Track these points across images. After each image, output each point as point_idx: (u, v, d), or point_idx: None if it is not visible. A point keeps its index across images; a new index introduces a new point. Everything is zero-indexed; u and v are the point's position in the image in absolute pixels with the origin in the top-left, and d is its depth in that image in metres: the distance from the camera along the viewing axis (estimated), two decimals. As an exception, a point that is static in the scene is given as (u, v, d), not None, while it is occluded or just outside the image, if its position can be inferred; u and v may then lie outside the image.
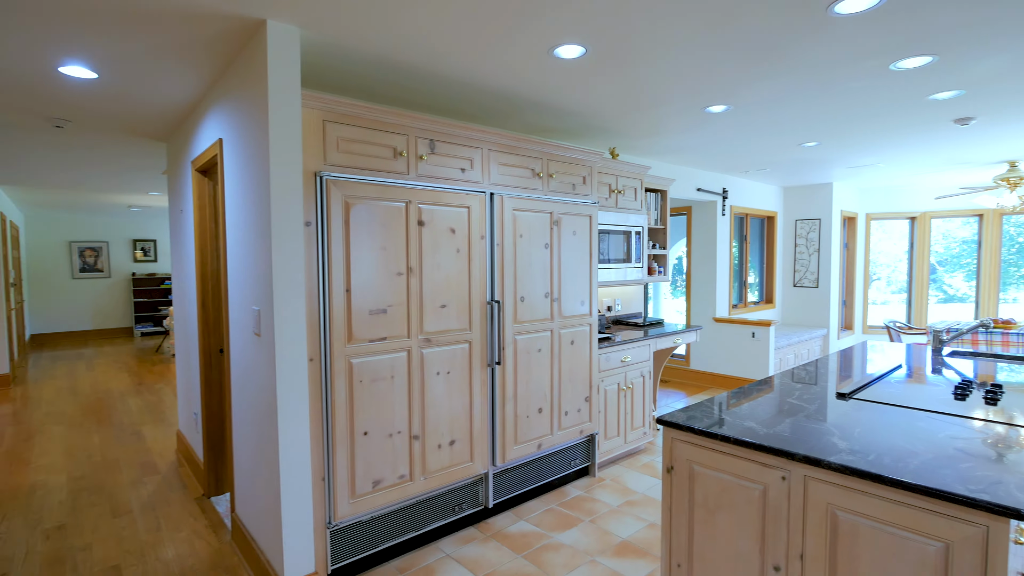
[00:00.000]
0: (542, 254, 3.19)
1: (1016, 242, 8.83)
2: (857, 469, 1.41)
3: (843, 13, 2.10)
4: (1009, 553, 1.22)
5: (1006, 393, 2.17)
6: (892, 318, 7.58)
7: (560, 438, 3.35)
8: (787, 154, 5.00)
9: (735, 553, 1.69)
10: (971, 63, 2.66)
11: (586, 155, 3.44)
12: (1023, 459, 1.46)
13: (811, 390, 2.25)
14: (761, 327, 5.75)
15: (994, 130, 4.07)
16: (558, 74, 2.75)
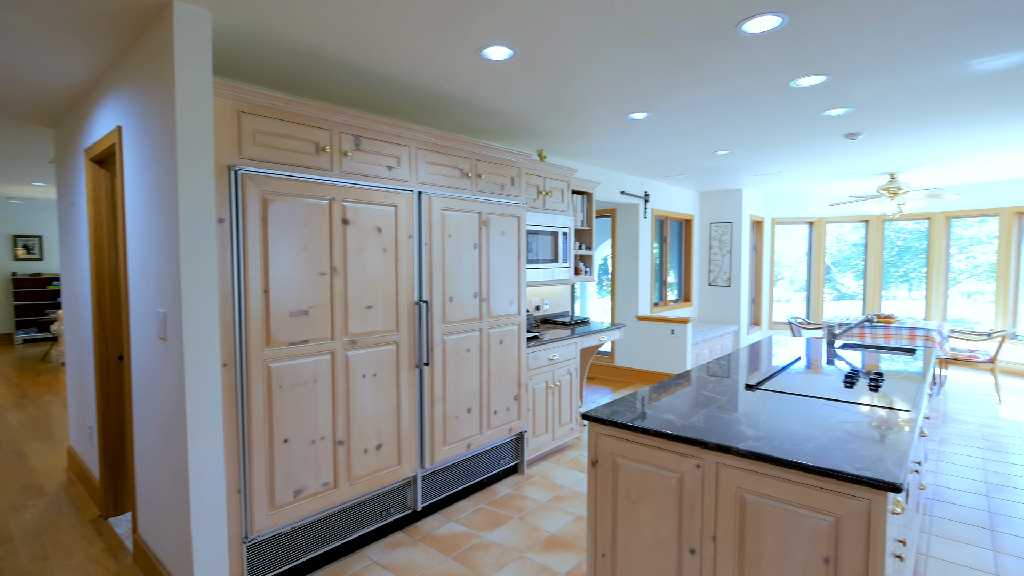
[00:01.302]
0: (471, 254, 3.18)
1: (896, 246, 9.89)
2: (762, 454, 1.52)
3: (750, 32, 2.26)
4: (887, 523, 1.37)
5: (886, 380, 2.43)
6: (794, 314, 8.25)
7: (489, 437, 3.37)
8: (702, 161, 5.31)
9: (655, 540, 1.77)
10: (859, 84, 2.95)
11: (515, 156, 3.48)
12: (901, 439, 1.64)
13: (723, 382, 2.40)
14: (680, 324, 6.07)
15: (878, 144, 4.54)
16: (487, 75, 2.76)
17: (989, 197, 6.89)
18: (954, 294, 8.09)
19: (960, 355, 5.84)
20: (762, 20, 2.14)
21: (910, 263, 9.51)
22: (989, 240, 7.51)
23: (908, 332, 5.62)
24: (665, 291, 7.30)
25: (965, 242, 8.54)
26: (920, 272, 8.12)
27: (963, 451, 4.07)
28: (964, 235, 8.29)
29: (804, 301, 8.63)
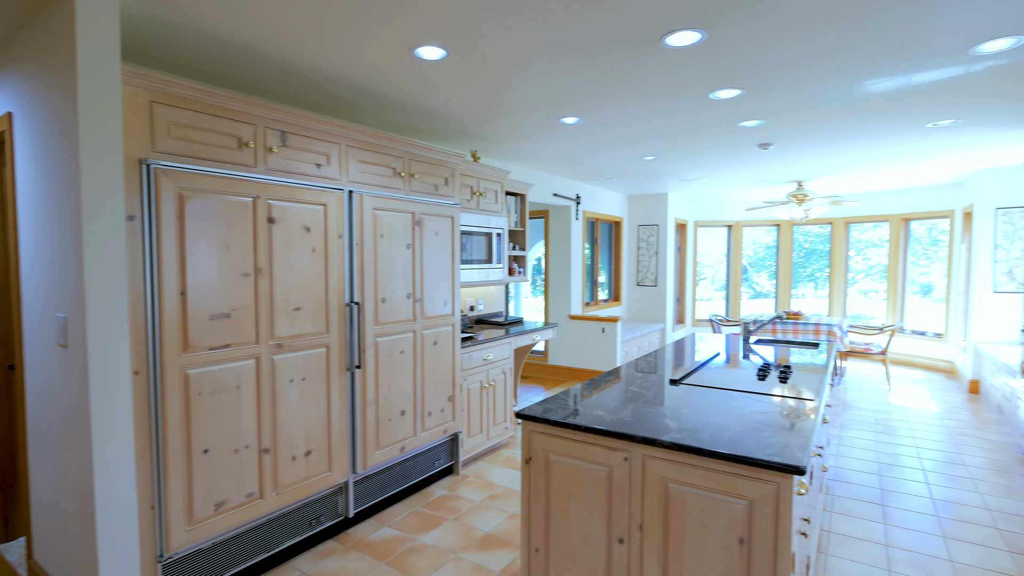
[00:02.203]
0: (404, 254, 3.14)
1: (803, 248, 10.73)
2: (684, 445, 1.62)
3: (673, 45, 2.38)
4: (793, 503, 1.50)
5: (794, 372, 2.64)
6: (715, 312, 8.74)
7: (424, 439, 3.34)
8: (630, 166, 5.53)
9: (586, 532, 1.83)
10: (769, 98, 3.18)
11: (449, 157, 3.47)
12: (805, 426, 1.79)
13: (650, 378, 2.52)
14: (610, 323, 6.27)
15: (787, 154, 4.91)
16: (421, 74, 2.74)
17: (881, 204, 7.63)
18: (853, 292, 8.90)
19: (857, 348, 6.43)
20: (684, 35, 2.26)
21: (815, 264, 10.36)
22: (881, 243, 8.32)
23: (814, 327, 6.12)
24: (596, 291, 7.52)
25: (862, 245, 9.41)
26: (824, 272, 8.86)
27: (860, 435, 4.49)
28: (861, 239, 9.13)
29: (724, 299, 9.17)
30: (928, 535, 2.87)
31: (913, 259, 7.80)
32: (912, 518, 3.05)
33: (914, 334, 7.39)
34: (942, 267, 7.54)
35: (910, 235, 7.62)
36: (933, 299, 8.05)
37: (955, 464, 3.84)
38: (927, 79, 2.84)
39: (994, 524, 2.98)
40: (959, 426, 4.71)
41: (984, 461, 3.90)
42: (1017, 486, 3.47)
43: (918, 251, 7.88)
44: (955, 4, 2.01)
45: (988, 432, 4.55)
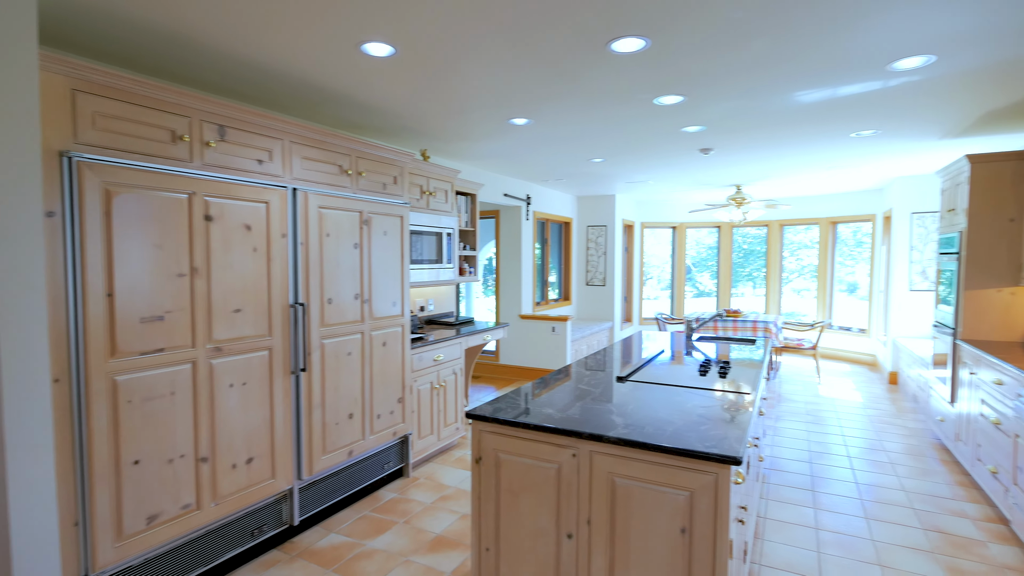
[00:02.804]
0: (351, 254, 3.08)
1: (742, 249, 11.24)
2: (629, 440, 1.66)
3: (618, 51, 2.44)
4: (731, 492, 1.57)
5: (733, 368, 2.77)
6: (660, 311, 9.03)
7: (373, 442, 3.28)
8: (579, 167, 5.63)
9: (536, 529, 1.85)
10: (709, 105, 3.31)
11: (397, 155, 3.42)
12: (743, 419, 1.88)
13: (598, 376, 2.57)
14: (560, 322, 6.36)
15: (726, 159, 5.13)
16: (369, 71, 2.69)
17: (812, 208, 8.10)
18: (787, 291, 9.41)
19: (791, 343, 6.81)
20: (628, 41, 2.33)
21: (753, 264, 10.88)
22: (812, 245, 8.83)
23: (751, 325, 6.43)
24: (547, 290, 7.61)
25: (795, 246, 9.97)
26: (761, 272, 9.32)
27: (793, 425, 4.75)
28: (794, 240, 9.67)
29: (669, 298, 9.49)
30: (853, 517, 3.07)
31: (840, 260, 8.34)
32: (839, 502, 3.26)
33: (841, 330, 7.89)
34: (866, 267, 8.09)
35: (837, 237, 8.13)
36: (858, 297, 8.63)
37: (877, 450, 4.14)
38: (851, 92, 3.04)
39: (910, 504, 3.23)
40: (880, 415, 5.07)
41: (902, 446, 4.21)
42: (930, 469, 3.78)
43: (845, 252, 8.42)
44: (872, 24, 2.16)
45: (905, 420, 4.92)
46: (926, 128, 3.92)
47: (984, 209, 3.74)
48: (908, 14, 2.08)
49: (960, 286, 3.85)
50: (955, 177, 4.09)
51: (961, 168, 3.90)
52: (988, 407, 3.20)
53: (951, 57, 2.52)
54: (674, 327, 7.94)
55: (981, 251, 3.76)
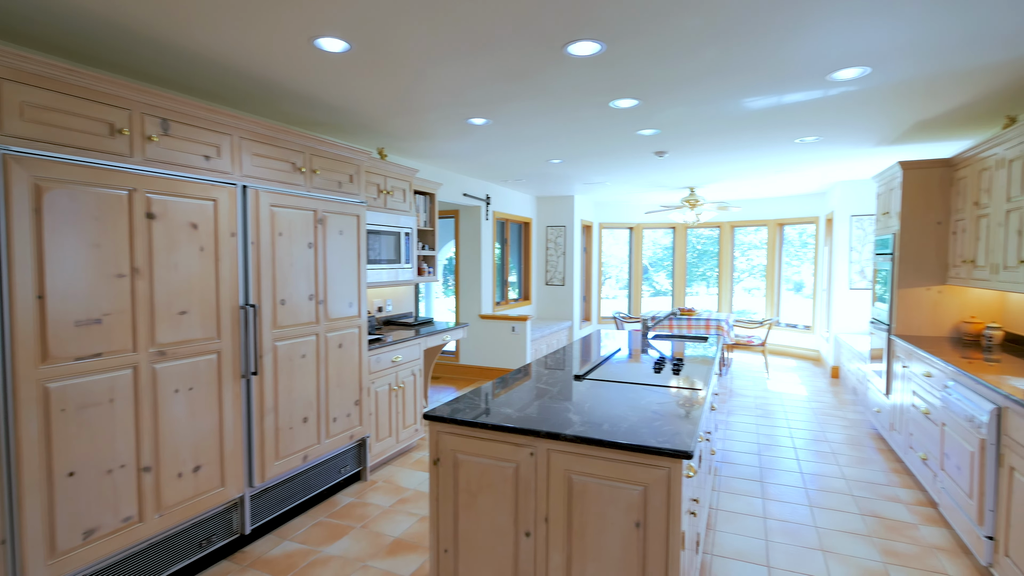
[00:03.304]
0: (305, 254, 3.00)
1: (696, 249, 11.59)
2: (585, 437, 1.69)
3: (575, 54, 2.48)
4: (683, 486, 1.62)
5: (686, 365, 2.85)
6: (618, 310, 9.19)
7: (329, 446, 3.21)
8: (538, 168, 5.67)
9: (494, 528, 1.86)
10: (663, 109, 3.40)
11: (354, 153, 3.35)
12: (696, 414, 1.94)
13: (556, 375, 2.60)
14: (520, 322, 6.39)
15: (680, 162, 5.28)
16: (323, 67, 2.62)
17: (761, 210, 8.43)
18: (738, 290, 9.76)
19: (742, 340, 7.06)
20: (585, 45, 2.36)
21: (707, 264, 11.24)
22: (761, 246, 9.19)
23: (704, 323, 6.63)
24: (507, 290, 7.63)
25: (745, 247, 10.35)
26: (714, 272, 9.62)
27: (743, 419, 4.93)
28: (744, 241, 10.04)
29: (627, 298, 9.68)
30: (798, 505, 3.22)
31: (787, 260, 8.71)
32: (785, 491, 3.41)
33: (788, 327, 8.25)
34: (810, 267, 8.49)
35: (784, 238, 8.49)
36: (804, 295, 9.04)
37: (820, 441, 4.34)
38: (795, 100, 3.18)
39: (850, 491, 3.41)
40: (823, 407, 5.33)
41: (842, 437, 4.44)
42: (867, 457, 4.00)
43: (791, 252, 8.81)
44: (813, 36, 2.27)
45: (846, 411, 5.19)
46: (863, 136, 4.14)
47: (915, 212, 3.98)
48: (845, 27, 2.19)
49: (894, 285, 4.09)
50: (889, 182, 4.34)
51: (894, 174, 4.15)
52: (919, 398, 3.41)
53: (885, 69, 2.68)
54: (631, 326, 8.11)
55: (912, 252, 4.01)
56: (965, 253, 3.58)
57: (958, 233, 3.72)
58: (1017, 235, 2.89)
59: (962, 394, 2.76)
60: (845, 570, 2.55)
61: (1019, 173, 2.89)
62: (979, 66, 2.64)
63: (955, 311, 3.94)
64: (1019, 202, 2.88)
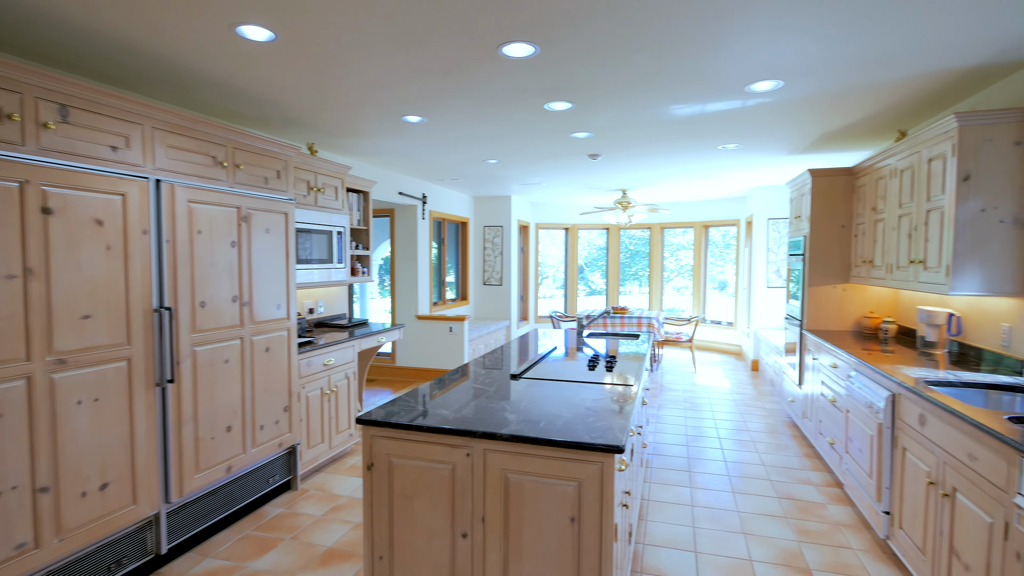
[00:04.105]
0: (228, 253, 2.83)
1: (629, 249, 11.98)
2: (521, 436, 1.70)
3: (510, 55, 2.49)
4: (615, 479, 1.67)
5: (619, 362, 2.94)
6: (555, 309, 9.35)
7: (255, 456, 3.05)
8: (475, 168, 5.66)
9: (430, 532, 1.83)
10: (596, 113, 3.49)
11: (281, 148, 3.20)
12: (627, 409, 2.00)
13: (493, 374, 2.60)
14: (457, 322, 6.36)
15: (613, 165, 5.44)
16: (246, 56, 2.49)
17: (688, 212, 8.84)
18: (668, 289, 10.19)
19: (671, 337, 7.38)
20: (519, 46, 2.38)
21: (639, 264, 11.65)
22: (688, 246, 9.64)
23: (637, 320, 6.87)
24: (444, 290, 7.56)
25: (674, 247, 10.83)
26: (645, 271, 10.00)
27: (673, 412, 5.16)
28: (673, 242, 10.50)
29: (563, 297, 9.86)
30: (722, 492, 3.40)
31: (712, 260, 9.19)
32: (711, 479, 3.60)
33: (713, 323, 8.70)
34: (733, 267, 9.00)
35: (709, 240, 8.95)
36: (727, 294, 9.57)
37: (742, 430, 4.62)
38: (717, 108, 3.36)
39: (768, 477, 3.65)
40: (744, 398, 5.67)
41: (761, 426, 4.74)
42: (783, 444, 4.29)
43: (716, 253, 9.30)
44: (733, 49, 2.41)
45: (764, 402, 5.54)
46: (777, 144, 4.44)
47: (822, 217, 4.32)
48: (761, 43, 2.34)
49: (805, 283, 4.41)
50: (800, 188, 4.68)
51: (805, 181, 4.47)
52: (827, 387, 3.70)
53: (795, 84, 2.88)
54: (568, 324, 8.26)
55: (820, 253, 4.34)
56: (864, 254, 3.92)
57: (859, 236, 4.07)
58: (907, 238, 3.20)
59: (863, 383, 3.01)
60: (764, 551, 2.73)
61: (909, 182, 3.20)
62: (875, 84, 2.90)
63: (857, 307, 4.30)
64: (909, 208, 3.19)
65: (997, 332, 2.85)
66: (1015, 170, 2.58)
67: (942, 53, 2.47)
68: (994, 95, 2.93)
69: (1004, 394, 2.42)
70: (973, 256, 2.65)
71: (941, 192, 2.80)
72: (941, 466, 2.16)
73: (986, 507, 1.84)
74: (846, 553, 2.70)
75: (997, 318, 2.86)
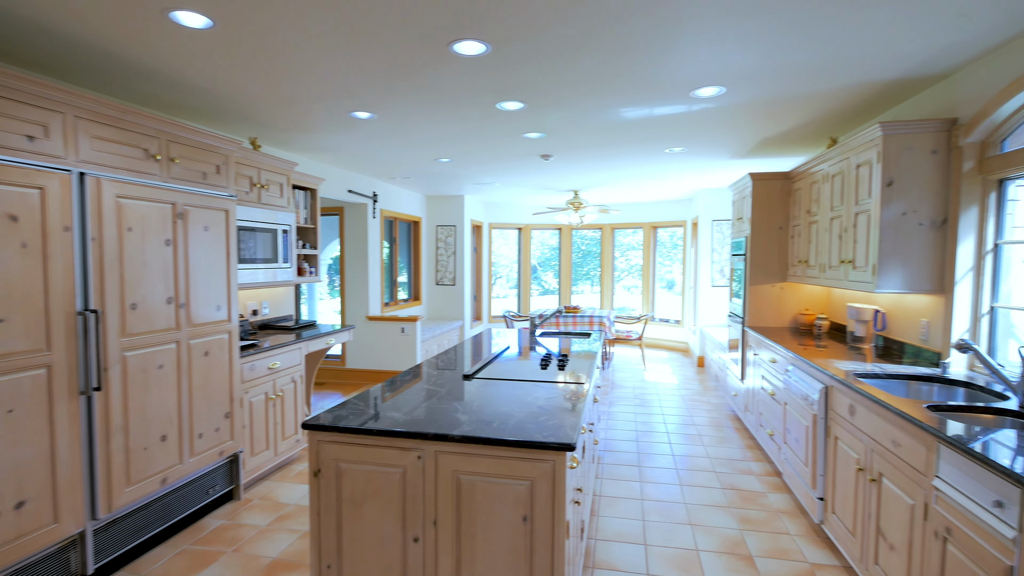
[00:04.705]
0: (162, 252, 2.68)
1: (581, 249, 12.16)
2: (473, 437, 1.69)
3: (461, 53, 2.47)
4: (567, 477, 1.68)
5: (571, 360, 2.97)
6: (508, 308, 9.38)
7: (194, 466, 2.90)
8: (427, 167, 5.59)
9: (381, 537, 1.79)
10: (548, 114, 3.52)
11: (221, 142, 3.06)
12: (580, 407, 2.02)
13: (446, 375, 2.58)
14: (410, 323, 6.26)
15: (565, 166, 5.50)
16: (181, 43, 2.35)
17: (638, 213, 9.06)
18: (619, 288, 10.41)
19: (621, 335, 7.54)
20: (470, 44, 2.36)
21: (591, 264, 11.85)
22: (638, 247, 9.88)
23: (588, 319, 6.98)
24: (396, 291, 7.44)
25: (625, 247, 11.07)
26: (597, 271, 10.17)
27: (624, 409, 5.27)
28: (624, 242, 10.73)
29: (516, 297, 9.89)
30: (670, 485, 3.50)
31: (660, 260, 9.46)
32: (660, 473, 3.69)
33: (662, 322, 8.96)
34: (680, 267, 9.29)
35: (658, 240, 9.20)
36: (675, 292, 9.87)
37: (688, 425, 4.77)
38: (664, 112, 3.46)
39: (713, 469, 3.78)
40: (691, 394, 5.86)
41: (707, 419, 4.92)
42: (727, 436, 4.46)
43: (664, 253, 9.57)
44: (678, 55, 2.48)
45: (709, 396, 5.75)
46: (721, 148, 4.61)
47: (762, 219, 4.52)
48: (705, 50, 2.42)
49: (746, 282, 4.60)
50: (742, 191, 4.88)
51: (746, 184, 4.67)
52: (766, 381, 3.87)
53: (737, 90, 3.00)
54: (521, 324, 8.30)
55: (760, 253, 4.54)
56: (800, 254, 4.13)
57: (795, 237, 4.28)
58: (838, 239, 3.39)
59: (799, 376, 3.17)
60: (709, 540, 2.82)
61: (839, 187, 3.39)
62: (808, 93, 3.05)
63: (794, 304, 4.53)
64: (839, 211, 3.38)
65: (917, 327, 3.07)
66: (932, 177, 2.78)
67: (868, 66, 2.63)
68: (913, 107, 3.15)
69: (923, 384, 2.60)
70: (896, 256, 2.84)
71: (868, 196, 2.99)
72: (869, 453, 2.30)
73: (908, 490, 1.97)
74: (784, 539, 2.83)
75: (917, 314, 3.07)
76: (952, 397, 2.47)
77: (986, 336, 2.66)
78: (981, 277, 2.66)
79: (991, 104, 2.46)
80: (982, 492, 1.57)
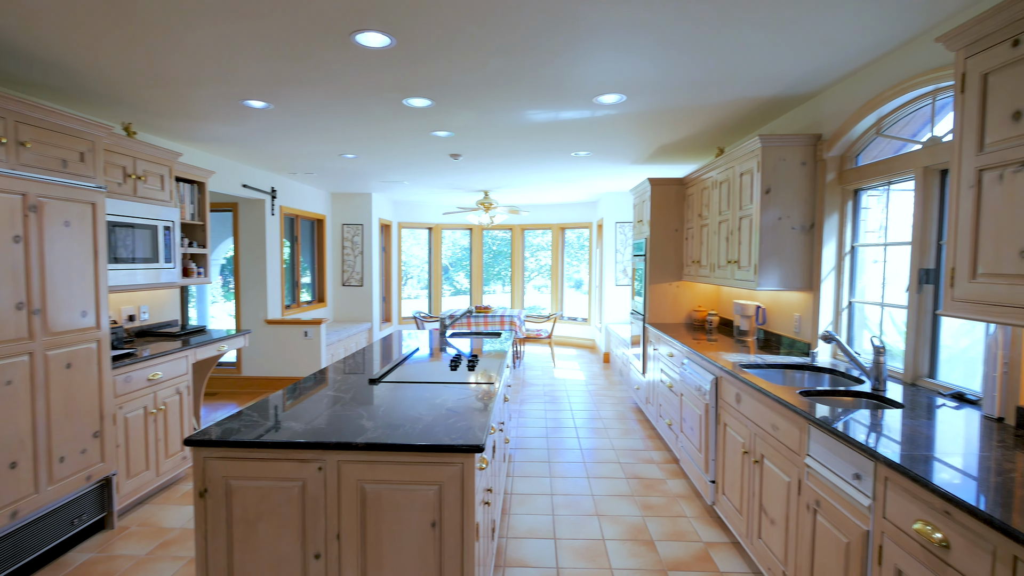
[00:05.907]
0: (11, 251, 2.32)
1: (492, 250, 12.24)
2: (377, 444, 1.63)
3: (365, 45, 2.37)
4: (476, 478, 1.67)
5: (481, 360, 2.96)
6: (419, 309, 9.21)
7: (53, 494, 2.54)
8: (330, 162, 5.34)
9: (278, 556, 1.67)
10: (456, 112, 3.49)
11: (86, 126, 2.71)
12: (490, 407, 2.02)
13: (351, 379, 2.46)
14: (313, 326, 5.95)
15: (474, 166, 5.49)
16: (36, 13, 2.05)
17: (546, 215, 9.28)
18: (529, 288, 10.60)
19: (532, 334, 7.68)
20: (373, 36, 2.28)
21: (502, 264, 11.95)
22: (547, 247, 10.13)
23: (499, 319, 7.04)
24: (298, 292, 7.04)
25: (535, 248, 11.29)
26: (508, 271, 10.28)
27: (534, 407, 5.36)
28: (534, 243, 10.94)
29: (427, 297, 9.75)
30: (578, 479, 3.61)
31: (568, 260, 9.76)
32: (568, 467, 3.80)
33: (570, 320, 9.24)
34: (587, 266, 9.64)
35: (566, 241, 9.49)
36: (583, 292, 10.23)
37: (595, 419, 4.95)
38: (569, 117, 3.56)
39: (617, 460, 3.96)
40: (597, 389, 6.10)
41: (612, 413, 5.14)
42: (630, 428, 4.69)
43: (572, 254, 9.89)
44: (581, 61, 2.56)
45: (615, 391, 6.02)
46: (622, 154, 4.84)
47: (660, 221, 4.80)
48: (605, 58, 2.52)
49: (647, 281, 4.87)
50: (642, 195, 5.15)
51: (646, 188, 4.94)
52: (665, 374, 4.12)
53: (635, 99, 3.15)
54: (432, 325, 8.18)
55: (659, 254, 4.82)
56: (693, 255, 4.43)
57: (689, 239, 4.59)
58: (725, 241, 3.68)
59: (694, 369, 3.40)
60: (615, 529, 2.95)
61: (726, 193, 3.69)
62: (699, 105, 3.28)
63: (688, 301, 4.86)
64: (727, 215, 3.67)
65: (791, 321, 3.41)
66: (802, 185, 3.10)
67: (747, 83, 2.88)
68: (788, 121, 3.49)
69: (796, 372, 2.89)
70: (774, 257, 3.14)
71: (750, 202, 3.27)
72: (753, 437, 2.51)
73: (785, 468, 2.18)
74: (682, 521, 3.02)
75: (792, 309, 3.41)
76: (820, 383, 2.77)
77: (846, 328, 3.02)
78: (842, 275, 3.01)
79: (847, 123, 2.78)
80: (844, 466, 1.76)
